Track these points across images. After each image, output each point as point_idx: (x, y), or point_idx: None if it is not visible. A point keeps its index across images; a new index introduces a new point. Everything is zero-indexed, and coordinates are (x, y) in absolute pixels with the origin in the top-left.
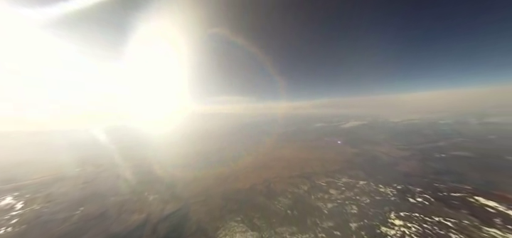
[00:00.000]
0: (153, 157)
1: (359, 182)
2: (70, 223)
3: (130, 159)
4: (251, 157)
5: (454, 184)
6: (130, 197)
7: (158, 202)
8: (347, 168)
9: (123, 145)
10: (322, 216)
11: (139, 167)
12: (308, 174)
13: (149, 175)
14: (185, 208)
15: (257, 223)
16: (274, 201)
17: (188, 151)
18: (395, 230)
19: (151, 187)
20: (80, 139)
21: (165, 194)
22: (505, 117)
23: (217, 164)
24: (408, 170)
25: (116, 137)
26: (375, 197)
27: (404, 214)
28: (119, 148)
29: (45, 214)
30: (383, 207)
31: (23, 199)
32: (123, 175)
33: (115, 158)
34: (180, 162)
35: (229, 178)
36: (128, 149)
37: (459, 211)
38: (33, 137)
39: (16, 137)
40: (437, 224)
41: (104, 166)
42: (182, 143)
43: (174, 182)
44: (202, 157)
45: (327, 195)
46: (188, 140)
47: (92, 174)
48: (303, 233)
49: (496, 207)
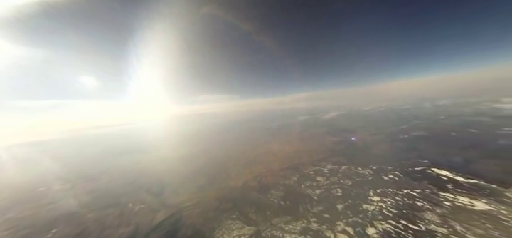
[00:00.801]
0: (133, 166)
1: (341, 167)
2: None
3: (105, 171)
4: (240, 154)
5: (416, 160)
6: (112, 210)
7: (147, 211)
8: (330, 156)
9: (95, 155)
10: (312, 202)
11: (116, 178)
12: (297, 165)
13: (131, 185)
14: (178, 214)
15: (253, 218)
16: (267, 194)
17: (172, 156)
18: (374, 205)
19: (136, 197)
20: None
21: (153, 202)
22: (451, 100)
23: (206, 165)
24: (380, 152)
25: (86, 148)
26: (355, 178)
27: (380, 191)
28: (90, 159)
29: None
30: (363, 186)
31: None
32: (99, 189)
33: (86, 171)
34: (165, 168)
35: (220, 178)
36: (101, 160)
37: (421, 182)
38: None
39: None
40: (406, 195)
41: (73, 181)
42: (165, 148)
43: (161, 188)
44: (189, 160)
45: (315, 183)
46: (171, 144)
47: (60, 193)
48: (297, 220)
49: (447, 175)
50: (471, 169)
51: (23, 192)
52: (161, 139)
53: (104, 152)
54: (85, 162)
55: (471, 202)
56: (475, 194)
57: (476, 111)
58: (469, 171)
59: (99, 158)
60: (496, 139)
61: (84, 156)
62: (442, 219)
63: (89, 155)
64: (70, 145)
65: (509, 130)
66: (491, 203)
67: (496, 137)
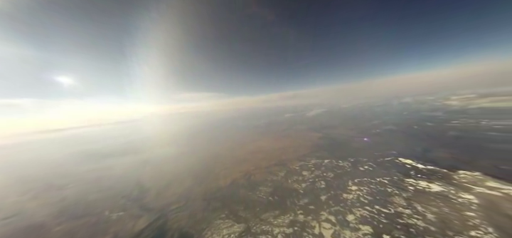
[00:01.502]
0: (112, 170)
1: (324, 160)
2: None
3: (79, 176)
4: (228, 153)
5: (386, 151)
6: (85, 220)
7: (127, 218)
8: (314, 151)
9: (69, 158)
10: (299, 196)
11: (91, 183)
12: (284, 161)
13: (108, 191)
14: (163, 218)
15: (242, 215)
16: (255, 191)
17: (156, 157)
18: (353, 194)
19: (114, 204)
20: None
21: (133, 208)
22: (412, 98)
23: (193, 166)
24: (357, 146)
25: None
26: (336, 171)
27: (358, 181)
28: (64, 163)
29: None
30: (343, 177)
31: None
32: (69, 197)
33: (57, 177)
34: (149, 171)
35: (208, 177)
36: (77, 164)
37: (391, 170)
38: None
39: None
40: (379, 183)
41: (37, 189)
42: (149, 148)
43: (144, 193)
44: (173, 161)
45: (301, 177)
46: (156, 144)
47: (19, 204)
48: (285, 214)
49: (410, 163)
50: (428, 157)
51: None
52: (145, 139)
53: (80, 154)
54: (57, 166)
55: (428, 185)
56: (431, 178)
57: (432, 107)
58: (427, 159)
59: (74, 162)
60: (446, 131)
61: (58, 159)
62: (407, 201)
63: (63, 159)
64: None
65: (456, 123)
66: (443, 185)
67: (446, 129)
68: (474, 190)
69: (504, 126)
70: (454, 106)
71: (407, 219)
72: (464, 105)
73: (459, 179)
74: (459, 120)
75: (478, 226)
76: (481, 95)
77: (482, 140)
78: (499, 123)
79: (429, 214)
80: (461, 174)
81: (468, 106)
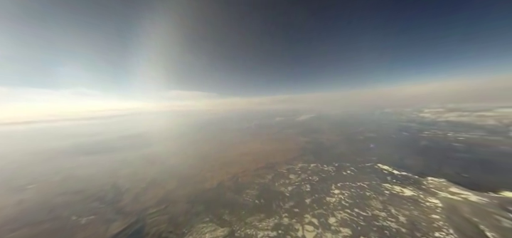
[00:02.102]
0: (87, 169)
1: (310, 164)
2: None
3: (45, 176)
4: (217, 154)
5: (367, 157)
6: (46, 226)
7: (97, 223)
8: (302, 155)
9: (39, 155)
10: (285, 199)
11: (59, 184)
12: (272, 165)
13: (79, 194)
14: (140, 222)
15: (227, 218)
16: (242, 194)
17: (139, 155)
18: (335, 197)
19: (84, 208)
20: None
21: (106, 212)
22: (393, 109)
23: (178, 166)
24: (342, 151)
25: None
26: (321, 175)
27: (340, 184)
28: (30, 161)
29: None
30: (327, 181)
31: None
32: (31, 199)
33: (17, 176)
34: (130, 170)
35: (194, 179)
36: (44, 162)
37: (370, 175)
38: None
39: None
40: (359, 187)
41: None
42: (132, 146)
43: (120, 195)
44: (158, 161)
45: (288, 180)
46: (141, 142)
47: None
48: (270, 217)
49: (387, 169)
50: (403, 164)
51: None
52: (131, 136)
53: (53, 151)
54: (22, 164)
55: (402, 189)
56: (404, 184)
57: (408, 118)
58: (402, 165)
59: (44, 159)
60: (419, 140)
61: (24, 156)
62: (383, 205)
63: (32, 155)
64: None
65: (427, 133)
66: (414, 190)
67: (419, 139)
68: (439, 195)
69: (466, 138)
70: (427, 118)
71: (382, 222)
72: (435, 118)
73: (427, 185)
74: (430, 131)
75: (441, 228)
76: (449, 109)
77: (448, 150)
78: (462, 136)
79: (401, 217)
80: (429, 180)
81: (438, 119)
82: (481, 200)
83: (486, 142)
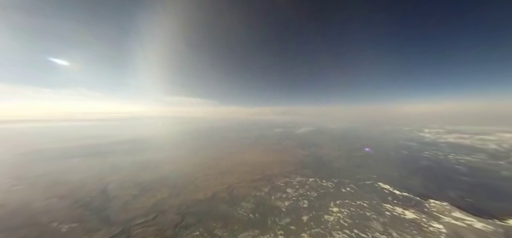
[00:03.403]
0: (77, 172)
1: (309, 179)
2: None
3: (34, 178)
4: (213, 164)
5: (366, 175)
6: (24, 232)
7: (79, 232)
8: (300, 168)
9: (28, 156)
10: (281, 214)
11: (44, 188)
12: (269, 177)
13: (63, 199)
14: (124, 233)
15: (218, 233)
16: (236, 207)
17: (131, 161)
18: (334, 216)
19: (66, 214)
20: None
21: (90, 219)
22: (391, 127)
23: (171, 174)
24: (341, 166)
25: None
26: (320, 190)
27: (339, 202)
28: (16, 162)
29: None
30: (326, 198)
31: None
32: (10, 203)
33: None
34: (121, 176)
35: (187, 188)
36: (37, 162)
37: (370, 194)
38: None
39: None
40: (359, 206)
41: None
42: (127, 151)
43: (107, 202)
44: (151, 168)
45: (285, 194)
46: (135, 147)
47: None
48: (264, 234)
49: (388, 188)
50: (404, 184)
51: None
52: (128, 140)
53: (39, 152)
54: (12, 164)
55: (403, 211)
56: (406, 205)
57: (407, 137)
58: (403, 185)
59: (28, 160)
60: (419, 160)
61: (17, 156)
62: (384, 227)
63: (15, 156)
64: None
65: (427, 153)
66: (416, 212)
67: (419, 158)
68: (442, 220)
69: (467, 161)
70: (427, 138)
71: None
72: (435, 139)
73: (429, 208)
74: (430, 152)
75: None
76: (448, 130)
77: (450, 172)
78: (464, 158)
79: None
80: (431, 203)
81: (438, 140)
82: (486, 228)
83: (488, 167)
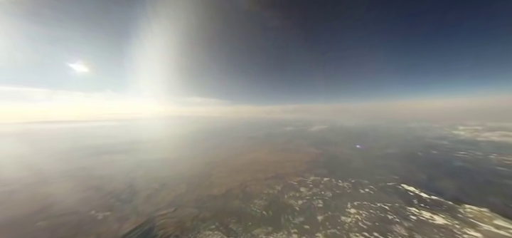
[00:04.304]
0: (107, 167)
1: (323, 178)
2: None
3: (73, 171)
4: (226, 161)
5: (388, 175)
6: (68, 218)
7: (112, 220)
8: (313, 167)
9: (64, 153)
10: (294, 213)
11: (82, 180)
12: (282, 175)
13: (100, 190)
14: (150, 223)
15: (233, 228)
16: (250, 204)
17: (151, 159)
18: (351, 217)
19: (101, 204)
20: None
21: (121, 209)
22: (418, 124)
23: (188, 171)
24: (358, 166)
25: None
26: (336, 191)
27: (357, 203)
28: (58, 158)
29: None
30: (342, 198)
31: None
32: (61, 192)
33: (50, 170)
34: (144, 172)
35: (203, 184)
36: (72, 159)
37: (392, 196)
38: None
39: None
40: (379, 208)
41: (23, 182)
42: (147, 149)
43: (135, 194)
44: (170, 165)
45: (298, 193)
46: (154, 145)
47: (8, 194)
48: (277, 231)
49: (414, 191)
50: (433, 186)
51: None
52: (145, 140)
53: (77, 149)
54: (49, 159)
55: (432, 216)
56: (435, 210)
57: (438, 135)
58: (431, 188)
59: (68, 156)
60: (452, 160)
61: (52, 152)
62: (408, 231)
63: (58, 152)
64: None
65: (463, 153)
66: (447, 218)
67: (452, 159)
68: (481, 227)
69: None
70: (461, 136)
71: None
72: (472, 137)
73: (464, 214)
74: (467, 151)
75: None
76: (489, 128)
77: (491, 174)
78: (509, 159)
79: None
80: (467, 208)
81: (476, 138)
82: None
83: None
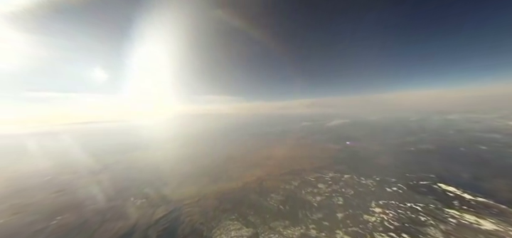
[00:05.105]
0: (137, 163)
1: (344, 175)
2: (44, 235)
3: (111, 165)
4: (242, 157)
5: (421, 174)
6: (114, 203)
7: (147, 206)
8: (333, 163)
9: (101, 149)
10: (312, 209)
11: (121, 172)
12: (298, 171)
13: (135, 181)
14: (177, 210)
15: (252, 220)
16: (266, 198)
17: (175, 154)
18: (376, 217)
19: (138, 192)
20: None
21: (154, 198)
22: (461, 115)
23: (208, 165)
24: (384, 163)
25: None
26: (358, 188)
27: (383, 202)
28: (96, 153)
29: (12, 227)
30: (365, 197)
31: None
32: (104, 181)
33: (92, 164)
34: (169, 166)
35: (222, 178)
36: (108, 154)
37: (426, 196)
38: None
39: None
40: (409, 209)
41: (79, 172)
42: (169, 147)
43: (164, 185)
44: (192, 159)
45: (316, 189)
46: (175, 142)
47: (66, 183)
48: (295, 226)
49: (454, 191)
50: (480, 187)
51: (30, 179)
52: (167, 137)
53: (108, 146)
54: (89, 155)
55: (477, 220)
56: (482, 213)
57: (487, 127)
58: (478, 189)
59: (104, 153)
60: (507, 158)
61: (89, 149)
62: (446, 235)
63: (95, 149)
64: (75, 138)
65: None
66: (499, 223)
67: (507, 156)
68: None
69: None
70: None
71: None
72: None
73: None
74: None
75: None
76: None
77: None
78: None
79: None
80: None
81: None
82: None
83: None
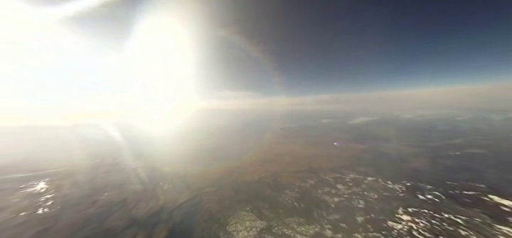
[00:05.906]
0: (165, 153)
1: (367, 178)
2: (96, 206)
3: (143, 154)
4: (258, 151)
5: (467, 182)
6: (147, 186)
7: (173, 191)
8: (355, 164)
9: (133, 141)
10: (329, 209)
11: (152, 160)
12: (315, 170)
13: (163, 169)
14: (198, 197)
15: (265, 213)
16: (281, 193)
17: (197, 147)
18: (402, 224)
19: (166, 179)
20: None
21: (178, 185)
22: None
23: (225, 158)
24: (418, 167)
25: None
26: (383, 192)
27: (413, 210)
28: (130, 144)
29: (74, 198)
30: (391, 202)
31: (53, 185)
32: (139, 168)
33: (128, 153)
34: (191, 158)
35: (237, 171)
36: (139, 145)
37: (471, 209)
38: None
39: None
40: (446, 220)
41: (119, 159)
42: (191, 140)
43: (186, 174)
44: (211, 152)
45: (334, 190)
46: (196, 136)
47: (110, 166)
48: (310, 224)
49: (509, 205)
50: None
51: (84, 161)
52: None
53: (141, 138)
54: (122, 146)
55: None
56: None
57: None
58: None
59: (141, 143)
60: None
61: (124, 141)
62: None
63: (128, 141)
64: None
65: None
66: None
67: None
68: None
69: None
70: None
71: None
72: None
73: None
74: None
75: None
76: None
77: None
78: None
79: None
80: None
81: None
82: None
83: None
